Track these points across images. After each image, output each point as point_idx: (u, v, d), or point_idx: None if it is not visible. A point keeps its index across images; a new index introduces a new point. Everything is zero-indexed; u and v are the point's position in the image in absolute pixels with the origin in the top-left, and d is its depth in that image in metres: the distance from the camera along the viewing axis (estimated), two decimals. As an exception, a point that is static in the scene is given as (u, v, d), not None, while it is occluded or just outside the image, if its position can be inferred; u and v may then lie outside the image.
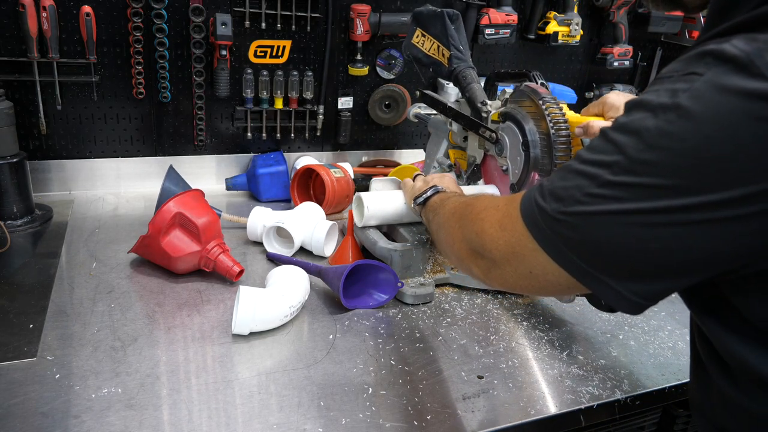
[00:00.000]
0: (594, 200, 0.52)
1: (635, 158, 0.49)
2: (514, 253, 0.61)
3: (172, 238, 1.03)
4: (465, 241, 0.72)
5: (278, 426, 0.73)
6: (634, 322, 1.05)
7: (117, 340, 0.88)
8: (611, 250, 0.53)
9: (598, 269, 0.54)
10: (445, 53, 1.21)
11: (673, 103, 0.47)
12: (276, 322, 0.93)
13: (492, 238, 0.65)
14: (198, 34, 1.37)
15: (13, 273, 1.05)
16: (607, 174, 0.51)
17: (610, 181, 0.51)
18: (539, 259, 0.58)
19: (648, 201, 0.49)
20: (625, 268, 0.53)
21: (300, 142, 1.64)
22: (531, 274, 0.61)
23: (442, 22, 1.20)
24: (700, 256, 0.49)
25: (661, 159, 0.48)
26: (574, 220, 0.54)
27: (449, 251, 0.81)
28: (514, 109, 1.04)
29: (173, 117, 1.47)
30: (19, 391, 0.75)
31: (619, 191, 0.50)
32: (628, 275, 0.53)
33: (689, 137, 0.46)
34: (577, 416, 0.83)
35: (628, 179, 0.50)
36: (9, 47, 1.28)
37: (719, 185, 0.46)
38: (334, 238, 1.23)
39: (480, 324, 1.00)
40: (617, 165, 0.51)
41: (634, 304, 0.54)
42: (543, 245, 0.57)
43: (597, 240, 0.53)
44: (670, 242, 0.49)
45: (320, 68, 1.55)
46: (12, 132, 1.22)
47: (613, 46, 1.81)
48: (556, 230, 0.56)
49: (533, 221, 0.58)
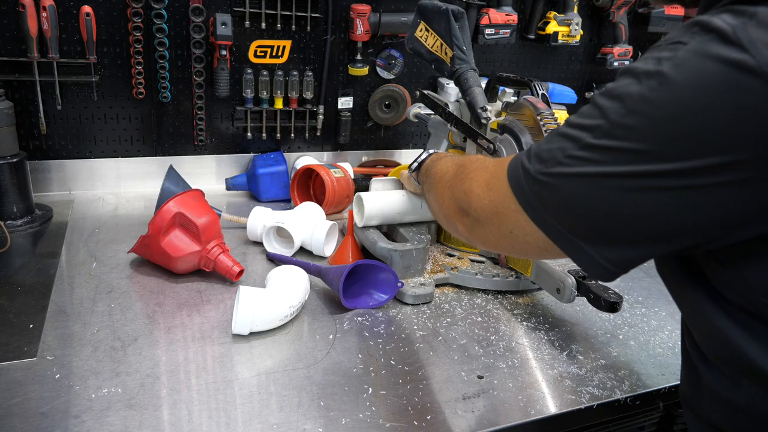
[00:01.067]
0: (574, 162, 0.54)
1: (616, 122, 0.50)
2: (497, 212, 0.64)
3: (172, 238, 1.03)
4: (453, 200, 0.75)
5: (278, 426, 0.73)
6: (634, 322, 1.05)
7: (117, 340, 0.88)
8: (587, 212, 0.54)
9: (573, 232, 0.56)
10: (448, 52, 1.20)
11: (656, 70, 0.48)
12: (276, 322, 0.93)
13: (478, 197, 0.68)
14: (198, 34, 1.37)
15: (13, 273, 1.05)
16: (588, 137, 0.53)
17: (591, 144, 0.52)
18: (520, 220, 0.60)
19: (625, 165, 0.50)
20: (598, 233, 0.54)
21: (300, 142, 1.64)
22: (511, 234, 0.63)
23: (446, 20, 1.19)
24: (673, 224, 0.50)
25: (640, 124, 0.49)
26: (554, 180, 0.55)
27: (437, 209, 0.85)
28: (512, 122, 1.04)
29: (173, 117, 1.47)
30: (19, 391, 0.75)
31: (598, 154, 0.52)
32: (601, 240, 0.55)
33: (669, 104, 0.47)
34: (577, 416, 0.83)
35: (607, 143, 0.51)
36: (9, 47, 1.28)
37: (695, 153, 0.46)
38: (334, 238, 1.23)
39: (480, 324, 1.00)
40: (599, 129, 0.52)
41: (605, 270, 0.56)
42: (524, 206, 0.59)
43: (574, 202, 0.54)
44: (644, 208, 0.50)
45: (320, 68, 1.55)
46: (12, 132, 1.22)
47: (613, 46, 1.81)
48: (536, 191, 0.58)
49: (517, 182, 0.60)
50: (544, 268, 1.03)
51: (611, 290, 0.94)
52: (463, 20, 1.20)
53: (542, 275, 1.03)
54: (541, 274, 1.03)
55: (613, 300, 0.92)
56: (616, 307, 0.93)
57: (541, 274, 1.04)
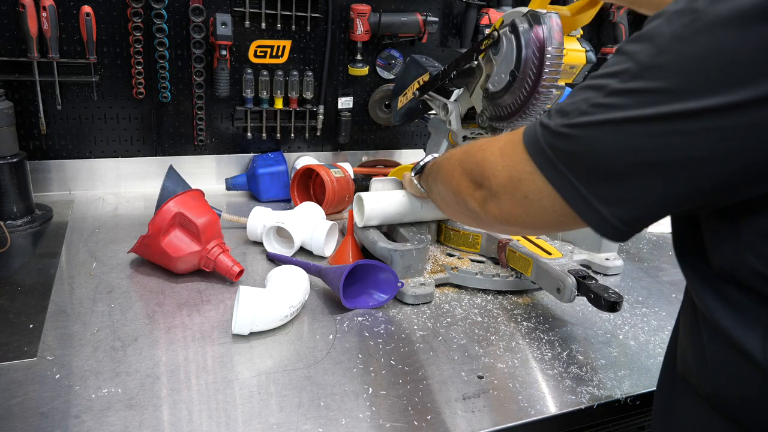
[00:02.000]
0: (598, 110, 0.52)
1: (645, 63, 0.49)
2: (512, 177, 0.63)
3: (172, 238, 1.03)
4: (465, 174, 0.73)
5: (278, 426, 0.73)
6: (634, 322, 1.05)
7: (117, 340, 0.88)
8: (607, 164, 0.53)
9: (590, 189, 0.55)
10: (422, 80, 1.28)
11: (689, 7, 0.47)
12: (276, 322, 0.92)
13: (492, 164, 0.66)
14: (198, 34, 1.37)
15: (13, 273, 1.05)
16: (615, 83, 0.51)
17: (617, 89, 0.51)
18: (535, 183, 0.59)
19: (653, 107, 0.49)
20: (615, 188, 0.54)
21: (300, 142, 1.64)
22: (526, 200, 0.61)
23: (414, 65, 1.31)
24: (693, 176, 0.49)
25: (671, 62, 0.48)
26: (576, 131, 0.54)
27: (445, 191, 0.82)
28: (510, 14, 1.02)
29: (173, 117, 1.48)
30: (19, 391, 0.75)
31: (625, 98, 0.50)
32: (616, 197, 0.54)
33: (702, 38, 0.46)
34: (577, 416, 0.83)
35: (636, 85, 0.50)
36: (9, 47, 1.28)
37: (727, 86, 0.45)
38: (334, 238, 1.23)
39: (480, 324, 1.00)
40: (627, 72, 0.51)
41: (616, 230, 0.55)
42: (540, 164, 0.58)
43: (595, 153, 0.53)
44: (667, 156, 0.49)
45: (320, 68, 1.55)
46: (12, 132, 1.22)
47: (613, 46, 1.81)
48: (555, 146, 0.57)
49: (534, 142, 0.59)
50: (544, 268, 1.03)
51: (611, 290, 0.94)
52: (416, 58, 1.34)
53: (542, 275, 1.03)
54: (541, 274, 1.03)
55: (613, 300, 0.92)
56: (616, 307, 0.92)
57: (541, 274, 1.04)
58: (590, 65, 1.12)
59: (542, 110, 1.02)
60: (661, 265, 1.31)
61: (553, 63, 0.96)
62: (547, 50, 0.95)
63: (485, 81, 1.08)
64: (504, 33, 1.01)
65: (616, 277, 1.24)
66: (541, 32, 0.96)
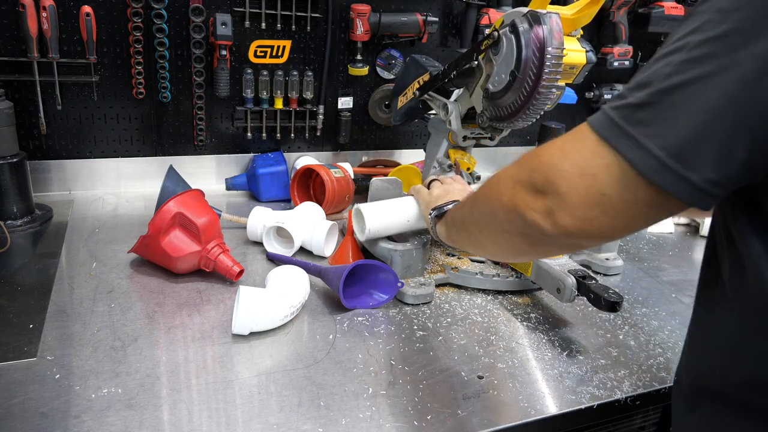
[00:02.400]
0: (687, 67, 0.49)
1: (726, 7, 0.47)
2: (583, 173, 0.55)
3: (172, 238, 1.03)
4: (520, 186, 0.62)
5: (278, 426, 0.73)
6: (634, 322, 1.05)
7: (117, 340, 0.88)
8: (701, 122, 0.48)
9: (681, 159, 0.49)
10: (422, 80, 1.28)
11: None
12: (276, 322, 0.93)
13: (555, 167, 0.57)
14: (198, 34, 1.37)
15: (13, 273, 1.05)
16: (697, 37, 0.49)
17: (702, 39, 0.48)
18: (612, 173, 0.53)
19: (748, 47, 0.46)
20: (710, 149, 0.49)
21: (300, 142, 1.64)
22: (604, 197, 0.54)
23: (414, 65, 1.31)
24: None
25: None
26: (664, 97, 0.50)
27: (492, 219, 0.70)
28: (511, 14, 1.02)
29: (173, 117, 1.47)
30: (19, 391, 0.75)
31: (713, 46, 0.47)
32: (710, 160, 0.49)
33: None
34: (577, 416, 0.83)
35: (724, 28, 0.47)
36: (9, 47, 1.28)
37: None
38: (334, 238, 1.23)
39: (480, 324, 1.00)
40: (708, 23, 0.48)
41: (709, 196, 0.50)
42: (618, 145, 0.53)
43: (687, 114, 0.49)
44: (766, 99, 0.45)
45: (320, 68, 1.55)
46: (12, 132, 1.22)
47: (613, 46, 1.81)
48: (638, 120, 0.52)
49: (607, 125, 0.54)
50: (544, 267, 1.03)
51: (611, 290, 0.94)
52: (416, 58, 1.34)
53: (542, 275, 1.03)
54: (542, 273, 1.03)
55: (613, 300, 0.92)
56: (616, 307, 0.93)
57: (541, 274, 1.04)
58: (590, 65, 1.12)
59: (542, 110, 1.02)
60: (661, 265, 1.31)
61: (553, 63, 0.96)
62: (547, 50, 0.95)
63: (485, 81, 1.08)
64: (504, 33, 1.01)
65: (616, 277, 1.24)
66: (541, 32, 0.96)
